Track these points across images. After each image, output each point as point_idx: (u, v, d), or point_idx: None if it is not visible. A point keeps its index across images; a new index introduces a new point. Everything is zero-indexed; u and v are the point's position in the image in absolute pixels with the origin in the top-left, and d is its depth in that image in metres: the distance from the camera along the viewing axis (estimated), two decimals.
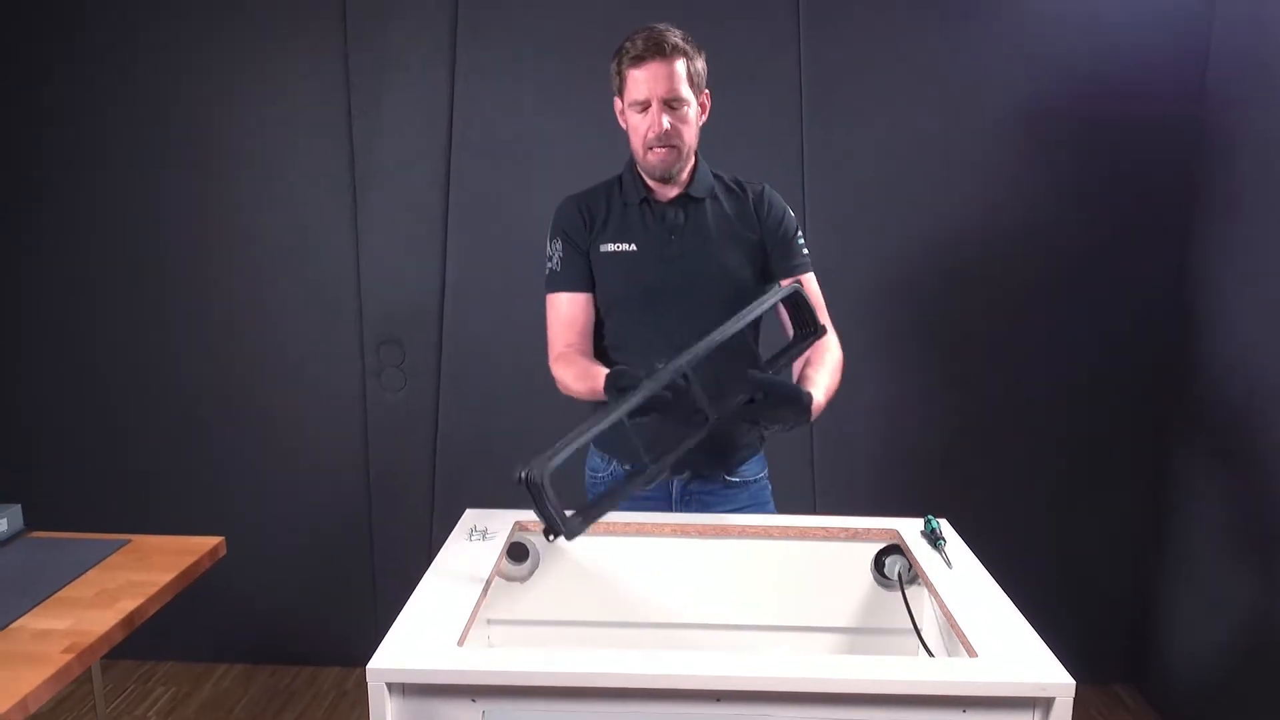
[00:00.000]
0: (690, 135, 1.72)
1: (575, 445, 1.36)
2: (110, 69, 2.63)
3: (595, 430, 1.38)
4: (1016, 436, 2.73)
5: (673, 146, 1.70)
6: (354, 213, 2.68)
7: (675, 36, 1.68)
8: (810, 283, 1.81)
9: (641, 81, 1.67)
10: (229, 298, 2.75)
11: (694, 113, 1.72)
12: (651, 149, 1.70)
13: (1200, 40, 2.50)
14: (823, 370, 1.70)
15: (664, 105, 1.67)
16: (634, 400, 1.41)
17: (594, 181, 1.87)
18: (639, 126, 1.71)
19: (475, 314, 2.71)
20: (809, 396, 1.52)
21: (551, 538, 1.32)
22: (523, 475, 1.28)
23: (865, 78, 2.57)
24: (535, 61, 2.60)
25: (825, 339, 1.73)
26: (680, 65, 1.67)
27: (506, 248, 2.67)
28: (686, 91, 1.68)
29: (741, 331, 1.58)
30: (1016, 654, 1.23)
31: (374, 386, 2.76)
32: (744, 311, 1.58)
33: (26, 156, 2.69)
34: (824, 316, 1.77)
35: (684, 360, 1.45)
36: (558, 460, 1.32)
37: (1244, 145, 2.36)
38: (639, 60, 1.66)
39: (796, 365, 1.74)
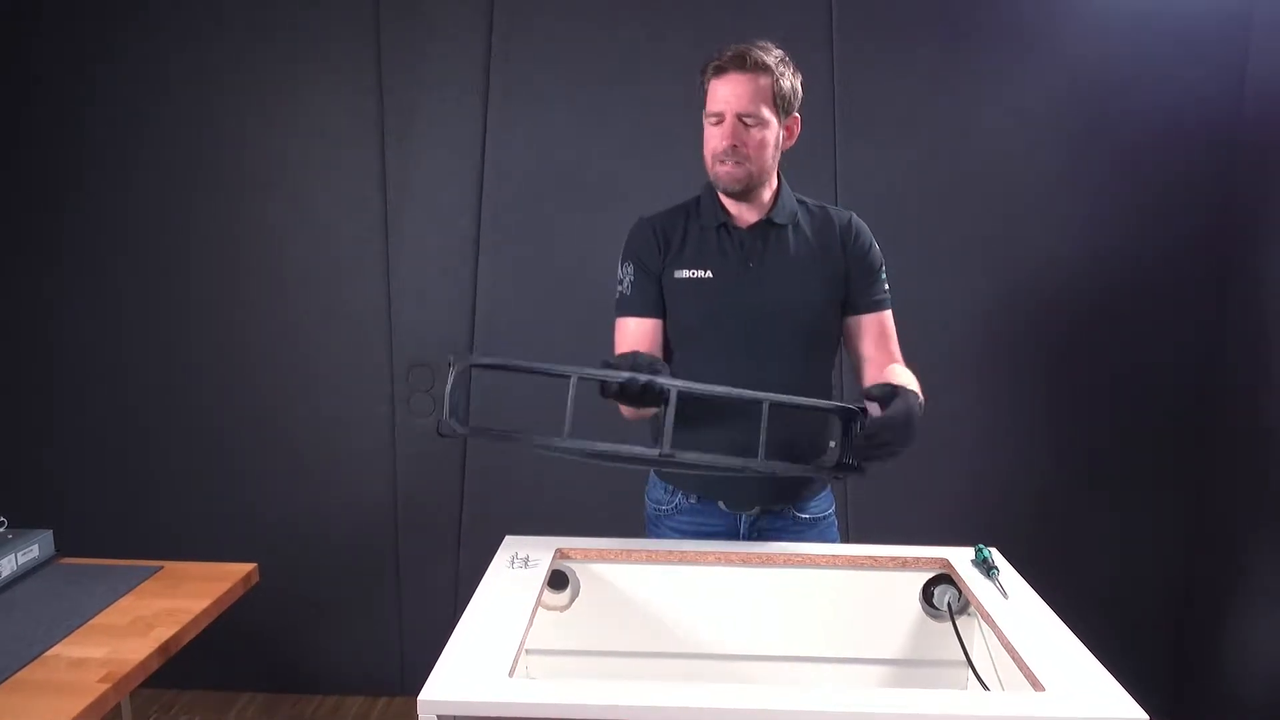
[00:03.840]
0: (764, 157, 1.64)
1: (520, 367, 1.51)
2: (144, 89, 2.64)
3: (550, 369, 1.47)
4: (1054, 466, 2.68)
5: (740, 163, 1.63)
6: (385, 236, 2.67)
7: (764, 53, 1.60)
8: (887, 320, 1.77)
9: (719, 94, 1.61)
10: (259, 321, 2.74)
11: (773, 134, 1.64)
12: (720, 162, 1.64)
13: (1236, 67, 2.49)
14: (904, 374, 1.67)
15: (738, 120, 1.60)
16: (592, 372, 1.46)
17: (627, 205, 1.84)
18: (709, 139, 1.65)
19: (506, 338, 2.68)
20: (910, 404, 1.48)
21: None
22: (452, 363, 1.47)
23: (899, 99, 2.56)
24: (568, 85, 2.59)
25: (892, 366, 1.72)
26: (764, 81, 1.60)
27: (538, 271, 2.66)
28: (765, 111, 1.61)
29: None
30: (1085, 687, 1.19)
31: (403, 412, 2.74)
32: (791, 398, 1.54)
33: (60, 179, 2.70)
34: (897, 353, 1.75)
35: (670, 383, 1.45)
36: (486, 361, 1.54)
37: None
38: (720, 71, 1.61)
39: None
